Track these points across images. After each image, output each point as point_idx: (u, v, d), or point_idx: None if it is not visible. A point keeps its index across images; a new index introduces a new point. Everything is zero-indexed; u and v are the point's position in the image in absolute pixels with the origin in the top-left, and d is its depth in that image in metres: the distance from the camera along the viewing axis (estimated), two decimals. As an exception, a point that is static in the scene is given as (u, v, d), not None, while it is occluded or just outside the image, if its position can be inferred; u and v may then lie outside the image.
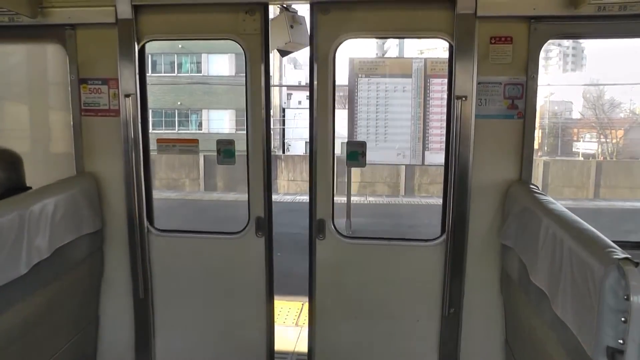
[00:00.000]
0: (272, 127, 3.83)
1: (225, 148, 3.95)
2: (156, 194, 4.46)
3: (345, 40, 3.68)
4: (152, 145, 4.05)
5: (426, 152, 8.58)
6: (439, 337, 3.90)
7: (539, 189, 3.38)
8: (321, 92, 3.72)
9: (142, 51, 3.85)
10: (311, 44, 3.71)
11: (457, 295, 3.74)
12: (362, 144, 3.94)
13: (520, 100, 3.54)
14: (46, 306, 3.35)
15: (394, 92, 8.79)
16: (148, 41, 3.83)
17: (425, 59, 9.03)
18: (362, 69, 8.86)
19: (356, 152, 3.87)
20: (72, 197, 3.59)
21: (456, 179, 3.54)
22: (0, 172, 3.32)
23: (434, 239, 3.82)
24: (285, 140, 29.59)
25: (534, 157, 3.68)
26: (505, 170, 3.61)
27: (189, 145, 4.12)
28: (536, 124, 3.56)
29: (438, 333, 3.90)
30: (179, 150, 4.09)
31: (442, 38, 3.62)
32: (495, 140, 3.59)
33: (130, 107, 3.76)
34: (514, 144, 3.58)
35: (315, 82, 3.72)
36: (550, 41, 3.53)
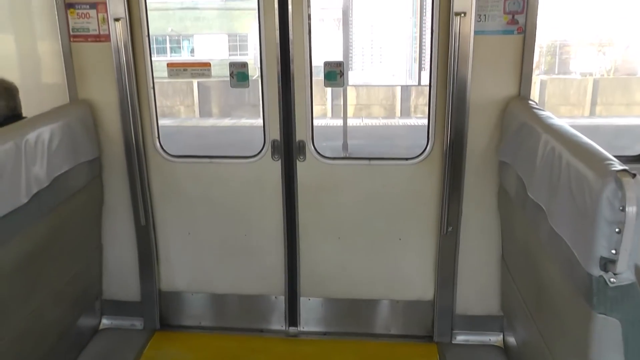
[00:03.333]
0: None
1: (238, 71, 3.89)
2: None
3: None
4: (158, 72, 3.96)
5: (422, 72, 8.47)
6: (436, 256, 3.98)
7: (537, 105, 3.36)
8: (295, 13, 3.63)
9: None
10: None
11: (454, 213, 3.79)
12: (340, 64, 3.83)
13: (521, 14, 3.45)
14: (49, 235, 3.37)
15: (389, 12, 8.59)
16: None
17: (422, -23, 8.73)
18: (357, -12, 8.63)
19: (334, 72, 3.79)
20: (67, 125, 3.53)
21: (454, 96, 3.50)
22: None
23: (416, 157, 3.84)
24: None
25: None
26: (504, 86, 3.58)
27: (202, 68, 4.04)
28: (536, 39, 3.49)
29: (435, 252, 3.98)
30: (190, 74, 4.01)
31: None
32: (495, 57, 3.54)
33: (121, 31, 3.65)
34: (514, 60, 3.53)
35: (289, 4, 3.62)
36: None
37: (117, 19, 3.63)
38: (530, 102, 3.43)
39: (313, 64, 3.77)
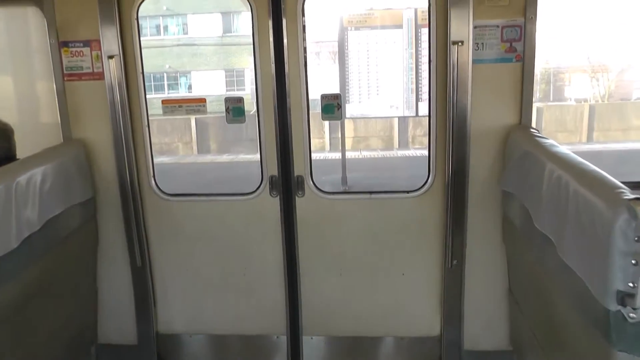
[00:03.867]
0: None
1: (234, 106, 3.83)
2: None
3: None
4: (153, 109, 3.92)
5: (420, 103, 8.47)
6: (441, 290, 3.87)
7: (540, 133, 3.30)
8: (291, 46, 3.61)
9: (128, 7, 3.66)
10: None
11: (459, 246, 3.70)
12: (337, 96, 3.78)
13: (518, 42, 3.43)
14: (41, 279, 3.28)
15: (385, 44, 8.63)
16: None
17: (416, 9, 8.81)
18: (352, 22, 8.70)
19: (331, 105, 3.74)
20: (60, 165, 3.47)
21: (454, 126, 3.45)
22: None
23: (418, 189, 3.77)
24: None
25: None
26: (504, 115, 3.53)
27: (197, 105, 3.99)
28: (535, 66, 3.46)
29: (440, 286, 3.87)
30: (185, 110, 3.96)
31: None
32: (494, 85, 3.50)
33: (115, 68, 3.63)
34: (513, 88, 3.49)
35: (285, 37, 3.59)
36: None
37: (110, 57, 3.61)
38: (532, 130, 3.37)
39: (310, 97, 3.74)
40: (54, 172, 3.37)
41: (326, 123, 17.72)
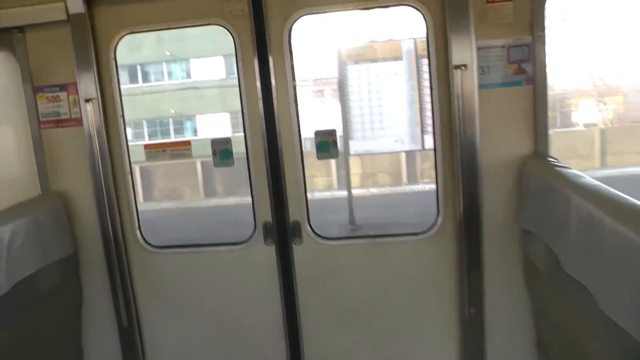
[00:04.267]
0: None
1: (221, 149, 3.58)
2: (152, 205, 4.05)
3: (299, 16, 3.31)
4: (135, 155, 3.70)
5: (425, 136, 8.19)
6: (459, 343, 3.51)
7: (559, 162, 2.96)
8: (279, 84, 3.36)
9: (105, 49, 3.47)
10: (257, 25, 3.32)
11: (476, 292, 3.34)
12: (332, 133, 3.51)
13: (527, 63, 3.14)
14: (19, 343, 3.05)
15: (386, 76, 8.43)
16: (122, 36, 3.47)
17: (415, 39, 8.62)
18: (350, 56, 8.54)
19: (326, 143, 3.48)
20: (34, 221, 3.25)
21: (463, 159, 3.14)
22: None
23: (426, 230, 3.44)
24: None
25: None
26: (517, 143, 3.23)
27: (181, 148, 3.73)
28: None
29: (458, 338, 3.51)
30: (170, 155, 3.70)
31: (413, 6, 3.22)
32: (503, 112, 3.21)
33: (93, 113, 3.39)
34: (525, 113, 3.19)
35: (272, 73, 3.35)
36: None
37: (88, 100, 3.41)
38: (550, 159, 3.05)
39: (309, 136, 3.52)
40: (26, 229, 3.16)
41: (333, 160, 17.47)
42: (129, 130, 3.67)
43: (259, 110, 3.41)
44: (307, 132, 3.54)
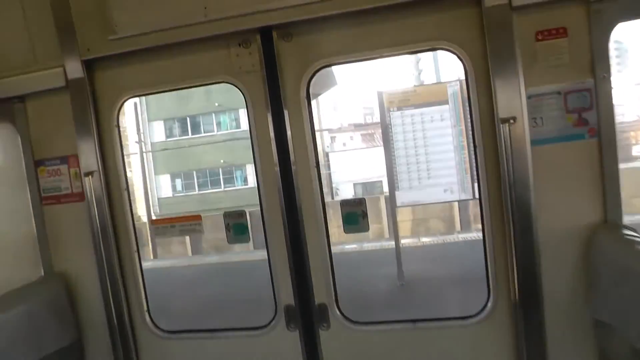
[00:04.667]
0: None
1: (235, 222, 3.26)
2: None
3: (317, 68, 2.95)
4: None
5: (475, 184, 7.61)
6: None
7: (638, 233, 2.38)
8: (296, 138, 3.00)
9: (107, 115, 3.22)
10: (270, 80, 2.98)
11: None
12: (362, 202, 3.10)
13: (590, 112, 2.60)
14: None
15: (431, 122, 7.94)
16: (125, 100, 3.24)
17: (461, 81, 8.13)
18: (393, 102, 8.11)
19: (354, 214, 3.06)
20: (26, 312, 3.00)
21: (516, 230, 2.60)
22: None
23: (476, 314, 2.90)
24: (333, 185, 29.05)
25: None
26: (582, 210, 2.67)
27: (192, 223, 3.42)
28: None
29: None
30: (179, 231, 3.41)
31: (448, 49, 2.79)
32: (563, 172, 2.68)
33: (92, 186, 3.12)
34: (590, 173, 2.63)
35: (288, 128, 3.00)
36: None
37: (88, 173, 3.15)
38: (626, 231, 2.45)
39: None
40: (16, 321, 2.92)
41: (383, 205, 16.99)
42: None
43: (274, 168, 3.03)
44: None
